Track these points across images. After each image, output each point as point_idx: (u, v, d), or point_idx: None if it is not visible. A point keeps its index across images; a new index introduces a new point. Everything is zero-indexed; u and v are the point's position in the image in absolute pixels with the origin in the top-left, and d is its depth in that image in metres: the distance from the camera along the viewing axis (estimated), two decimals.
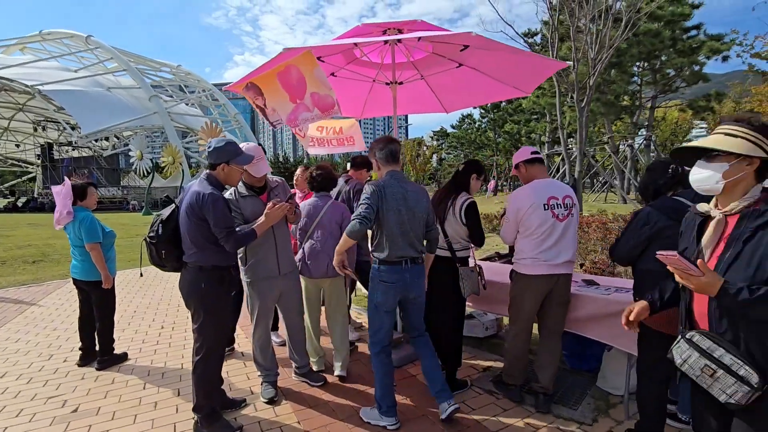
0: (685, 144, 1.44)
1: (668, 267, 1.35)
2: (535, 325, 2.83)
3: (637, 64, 16.52)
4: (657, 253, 1.35)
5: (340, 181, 3.78)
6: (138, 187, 35.53)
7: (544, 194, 2.61)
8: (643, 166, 20.72)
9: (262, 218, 2.57)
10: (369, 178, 4.04)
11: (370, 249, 3.59)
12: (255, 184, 2.77)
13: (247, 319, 3.20)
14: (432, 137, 54.78)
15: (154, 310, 5.24)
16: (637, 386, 2.30)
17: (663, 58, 16.70)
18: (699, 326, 1.44)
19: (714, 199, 1.43)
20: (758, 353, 1.25)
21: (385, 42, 3.43)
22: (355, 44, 3.20)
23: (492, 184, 35.74)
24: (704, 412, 1.48)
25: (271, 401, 2.86)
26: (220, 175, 2.50)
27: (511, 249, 3.69)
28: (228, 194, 2.72)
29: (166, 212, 2.49)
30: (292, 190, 3.51)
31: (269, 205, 2.58)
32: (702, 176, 1.37)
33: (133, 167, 28.16)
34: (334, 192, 3.75)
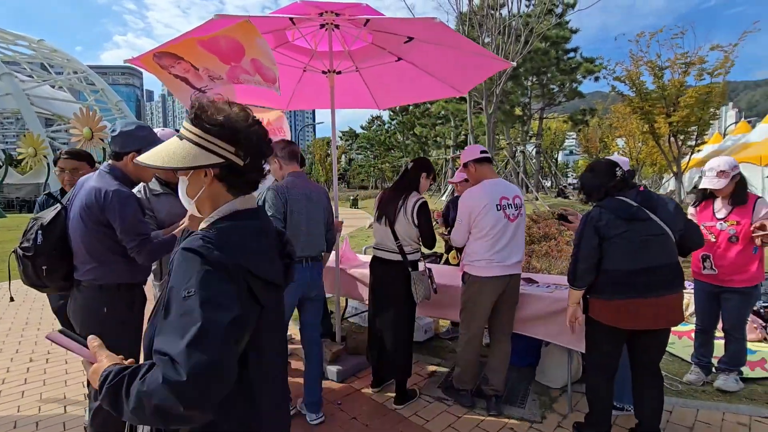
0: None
1: None
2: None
3: (529, 78, 18.45)
4: None
5: (269, 177, 3.36)
6: None
7: (496, 194, 2.58)
8: (532, 170, 23.28)
9: (184, 221, 2.09)
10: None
11: None
12: (173, 180, 2.26)
13: None
14: (341, 137, 54.64)
15: (16, 337, 4.15)
16: (587, 382, 2.37)
17: (549, 75, 18.92)
18: None
19: None
20: None
21: (323, 26, 3.13)
22: (292, 20, 2.82)
23: None
24: None
25: None
26: (127, 167, 1.97)
27: (448, 249, 3.70)
28: (137, 192, 2.18)
29: (47, 215, 1.88)
30: None
31: None
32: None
33: None
34: (260, 189, 3.32)
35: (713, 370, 3.09)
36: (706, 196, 2.95)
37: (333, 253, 3.70)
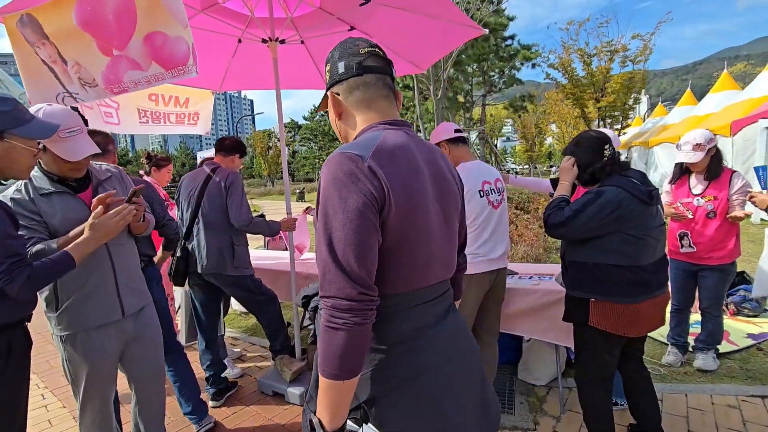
0: None
1: None
2: None
3: (471, 65, 18.63)
4: None
5: (203, 170, 2.78)
6: None
7: (477, 179, 2.23)
8: (476, 155, 23.76)
9: (85, 233, 1.51)
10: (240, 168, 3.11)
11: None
12: (69, 175, 1.65)
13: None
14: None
15: None
16: (581, 393, 2.01)
17: (489, 62, 19.23)
18: None
19: None
20: None
21: None
22: None
23: None
24: None
25: None
26: None
27: None
28: (14, 192, 1.57)
29: None
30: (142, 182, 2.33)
31: (97, 210, 1.54)
32: None
33: None
34: (194, 184, 2.74)
35: (690, 349, 3.04)
36: (682, 172, 2.85)
37: (287, 253, 3.21)
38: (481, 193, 2.22)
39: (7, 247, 1.30)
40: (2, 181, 1.53)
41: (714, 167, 2.69)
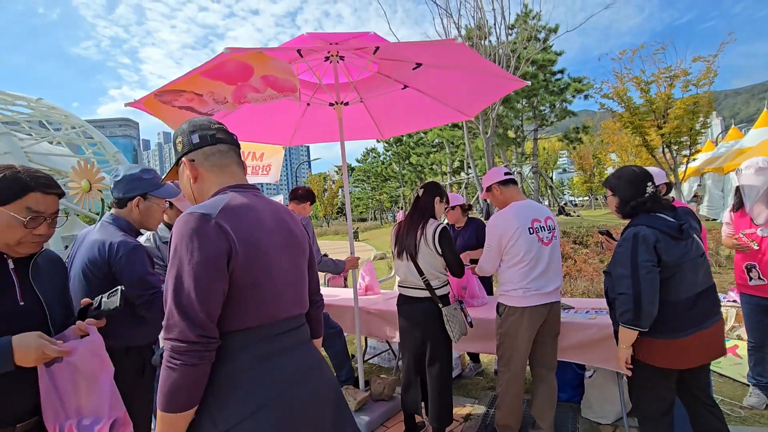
0: None
1: None
2: None
3: (521, 101, 18.77)
4: None
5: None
6: None
7: (527, 217, 2.41)
8: (529, 191, 23.35)
9: None
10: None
11: None
12: None
13: None
14: (337, 172, 55.11)
15: None
16: None
17: (539, 97, 19.27)
18: None
19: None
20: None
21: (327, 58, 3.07)
22: (299, 52, 2.75)
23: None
24: None
25: None
26: (132, 214, 1.82)
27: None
28: (144, 241, 2.01)
29: None
30: None
31: None
32: None
33: None
34: None
35: None
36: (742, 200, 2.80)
37: (350, 289, 3.49)
38: (531, 230, 2.38)
39: (148, 282, 1.70)
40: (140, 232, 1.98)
41: None
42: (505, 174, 2.57)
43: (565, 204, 27.66)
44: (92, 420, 1.24)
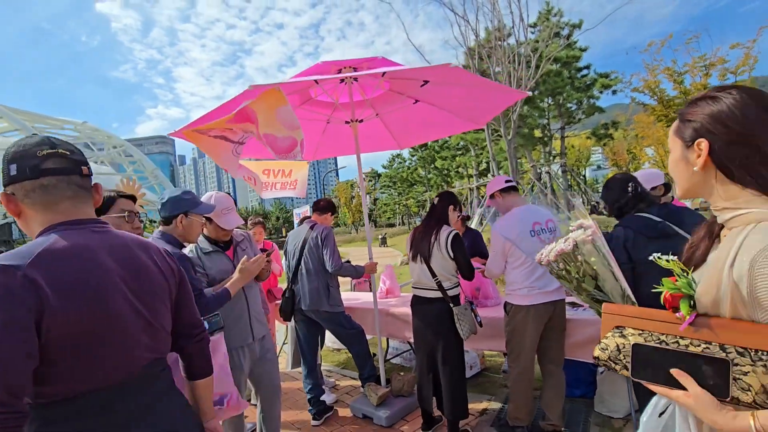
0: None
1: None
2: None
3: (545, 100, 18.57)
4: None
5: (304, 227, 3.50)
6: None
7: (528, 221, 2.58)
8: (559, 189, 22.89)
9: (235, 275, 2.21)
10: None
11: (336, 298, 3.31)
12: (221, 239, 2.41)
13: None
14: (365, 178, 55.84)
15: None
16: None
17: (564, 94, 19.00)
18: None
19: None
20: None
21: (342, 81, 3.35)
22: (315, 81, 3.05)
23: None
24: None
25: None
26: (177, 229, 2.13)
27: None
28: (188, 252, 2.33)
29: None
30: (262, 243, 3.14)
31: (244, 259, 2.25)
32: None
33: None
34: (297, 239, 3.45)
35: None
36: None
37: (370, 293, 3.73)
38: (532, 233, 2.55)
39: (195, 282, 2.00)
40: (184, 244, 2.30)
41: None
42: (506, 182, 2.75)
43: (597, 202, 26.84)
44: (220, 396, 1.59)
